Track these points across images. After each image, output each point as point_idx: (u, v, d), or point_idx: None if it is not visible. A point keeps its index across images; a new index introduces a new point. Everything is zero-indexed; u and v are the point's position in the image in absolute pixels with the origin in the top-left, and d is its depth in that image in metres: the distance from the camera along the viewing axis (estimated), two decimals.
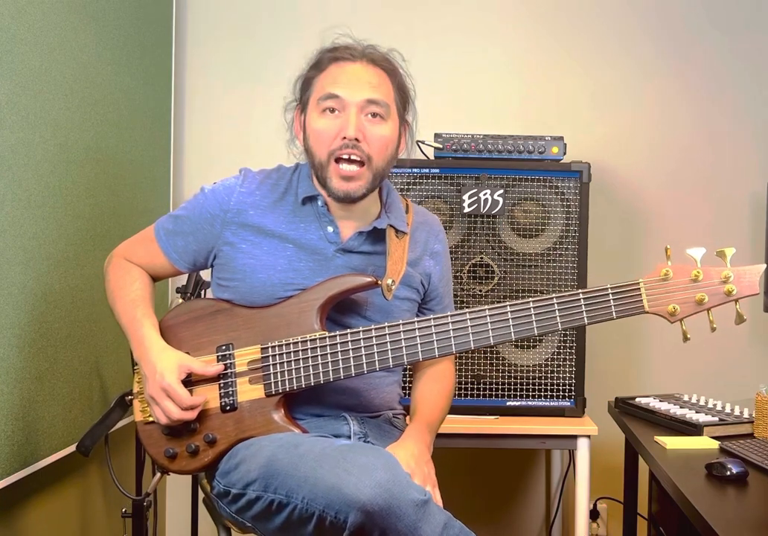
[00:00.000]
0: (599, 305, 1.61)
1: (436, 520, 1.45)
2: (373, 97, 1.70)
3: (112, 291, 1.82)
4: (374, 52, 1.76)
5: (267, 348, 1.70)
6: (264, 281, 1.75)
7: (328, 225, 1.77)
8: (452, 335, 1.65)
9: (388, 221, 1.79)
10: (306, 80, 1.78)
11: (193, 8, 2.93)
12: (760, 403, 2.04)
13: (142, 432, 1.74)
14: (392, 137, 1.75)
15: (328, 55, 1.75)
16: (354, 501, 1.39)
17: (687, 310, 1.58)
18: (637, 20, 2.91)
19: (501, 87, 2.92)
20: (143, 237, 1.87)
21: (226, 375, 1.71)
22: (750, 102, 2.90)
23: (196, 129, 2.94)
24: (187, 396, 1.65)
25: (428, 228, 1.89)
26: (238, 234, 1.77)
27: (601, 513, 2.89)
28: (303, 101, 1.78)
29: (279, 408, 1.69)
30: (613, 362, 2.89)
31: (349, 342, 1.67)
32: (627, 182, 2.88)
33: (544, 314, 1.62)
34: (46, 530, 2.12)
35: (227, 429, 1.69)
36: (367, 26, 2.90)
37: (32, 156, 1.91)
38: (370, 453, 1.48)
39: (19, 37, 1.84)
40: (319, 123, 1.72)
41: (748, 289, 1.58)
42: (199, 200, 1.82)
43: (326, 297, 1.70)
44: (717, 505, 1.57)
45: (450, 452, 2.83)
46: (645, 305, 1.59)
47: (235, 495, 1.62)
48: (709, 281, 1.57)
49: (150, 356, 1.69)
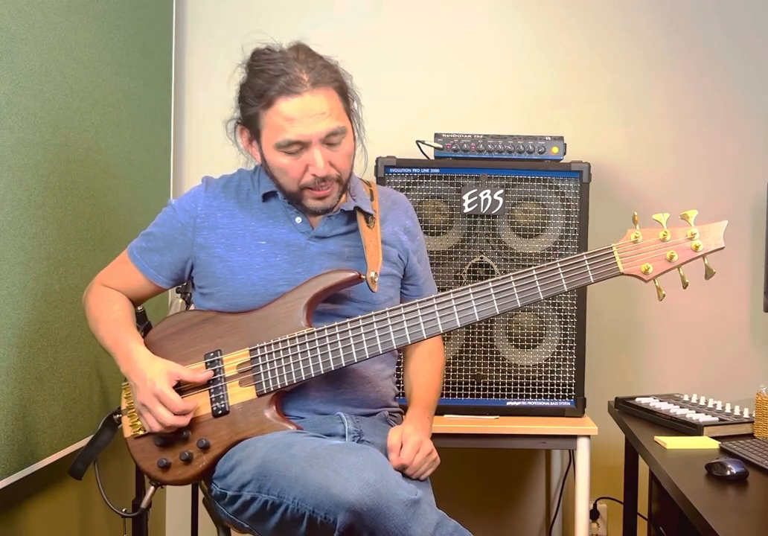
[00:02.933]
0: (576, 272, 1.66)
1: (427, 520, 1.46)
2: (331, 127, 1.68)
3: (93, 315, 1.83)
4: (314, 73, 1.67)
5: (256, 349, 1.71)
6: (245, 282, 1.76)
7: (296, 216, 1.80)
8: (438, 316, 1.67)
9: (355, 203, 1.81)
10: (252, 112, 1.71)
11: (193, 8, 2.93)
12: (760, 403, 2.04)
13: (133, 447, 1.74)
14: (352, 145, 1.76)
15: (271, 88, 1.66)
16: (342, 502, 1.40)
17: (659, 268, 1.66)
18: (638, 21, 2.91)
19: (501, 87, 2.92)
20: (118, 262, 1.88)
21: (215, 381, 1.71)
22: (750, 102, 2.90)
23: (196, 129, 2.94)
24: (180, 401, 1.65)
25: (396, 206, 1.91)
26: (210, 238, 1.79)
27: (601, 513, 2.89)
28: (253, 131, 1.74)
29: (271, 407, 1.69)
30: (613, 362, 2.89)
31: (338, 334, 1.69)
32: (627, 182, 2.88)
33: (525, 286, 1.66)
34: (46, 530, 2.12)
35: (221, 434, 1.69)
36: (369, 26, 2.93)
37: (32, 156, 1.91)
38: (359, 453, 1.48)
39: (19, 37, 1.84)
40: (283, 162, 1.71)
41: (713, 244, 1.66)
42: (168, 213, 1.84)
43: (311, 295, 1.72)
44: (717, 505, 1.57)
45: (450, 452, 2.82)
46: (620, 267, 1.66)
47: (232, 497, 1.63)
48: (676, 239, 1.66)
49: (138, 366, 1.69)
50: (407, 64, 2.90)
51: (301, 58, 1.69)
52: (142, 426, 1.71)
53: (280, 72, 1.67)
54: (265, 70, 1.68)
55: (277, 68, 1.67)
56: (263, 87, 1.68)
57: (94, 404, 2.23)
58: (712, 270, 1.66)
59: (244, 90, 1.74)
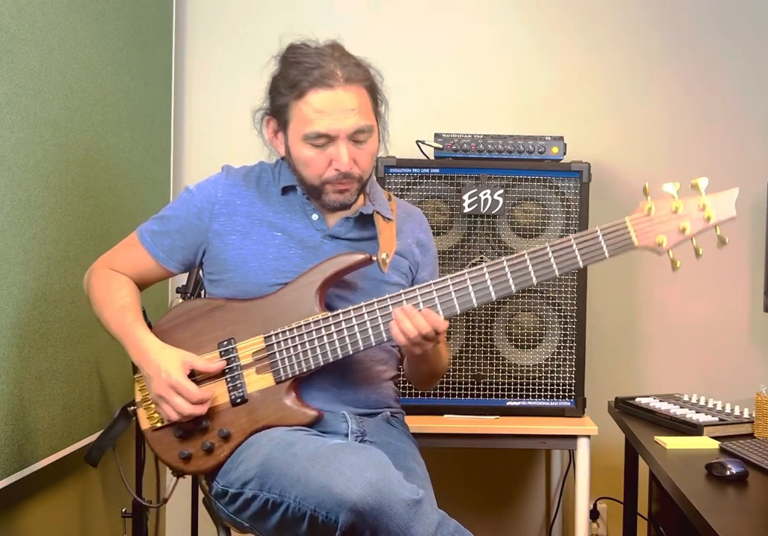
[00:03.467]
0: (592, 248, 1.64)
1: (429, 520, 1.46)
2: (359, 125, 1.69)
3: (97, 300, 1.81)
4: (348, 70, 1.70)
5: (270, 337, 1.71)
6: (256, 270, 1.76)
7: (313, 213, 1.79)
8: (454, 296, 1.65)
9: (374, 208, 1.81)
10: (282, 104, 1.73)
11: (193, 8, 2.93)
12: (760, 403, 2.04)
13: (151, 439, 1.73)
14: (377, 145, 1.77)
15: (305, 79, 1.68)
16: (344, 501, 1.40)
17: (673, 240, 1.64)
18: (638, 21, 2.91)
19: (501, 87, 2.92)
20: (125, 244, 1.87)
21: (231, 369, 1.71)
22: (750, 102, 2.90)
23: (196, 129, 2.94)
24: (196, 390, 1.65)
25: (411, 219, 1.92)
26: (227, 225, 1.79)
27: (601, 513, 2.89)
28: (281, 122, 1.75)
29: (290, 393, 1.69)
30: (613, 362, 2.89)
31: (353, 318, 1.68)
32: (627, 182, 2.88)
33: (541, 263, 1.64)
34: (46, 530, 2.12)
35: (240, 422, 1.69)
36: (369, 26, 2.93)
37: (32, 156, 1.91)
38: (361, 452, 1.48)
39: (19, 37, 1.84)
40: (308, 153, 1.71)
41: (725, 213, 1.64)
42: (184, 198, 1.84)
43: (322, 279, 1.71)
44: (717, 505, 1.57)
45: (450, 452, 2.83)
46: (634, 240, 1.64)
47: (233, 495, 1.63)
48: (688, 210, 1.64)
49: (150, 356, 1.68)
50: (407, 65, 2.90)
51: (336, 55, 1.71)
52: (160, 417, 1.71)
53: (314, 65, 1.69)
54: (300, 62, 1.70)
55: (312, 61, 1.69)
56: (297, 78, 1.69)
57: (93, 404, 2.23)
58: (725, 239, 1.63)
59: (277, 81, 1.75)
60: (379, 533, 1.41)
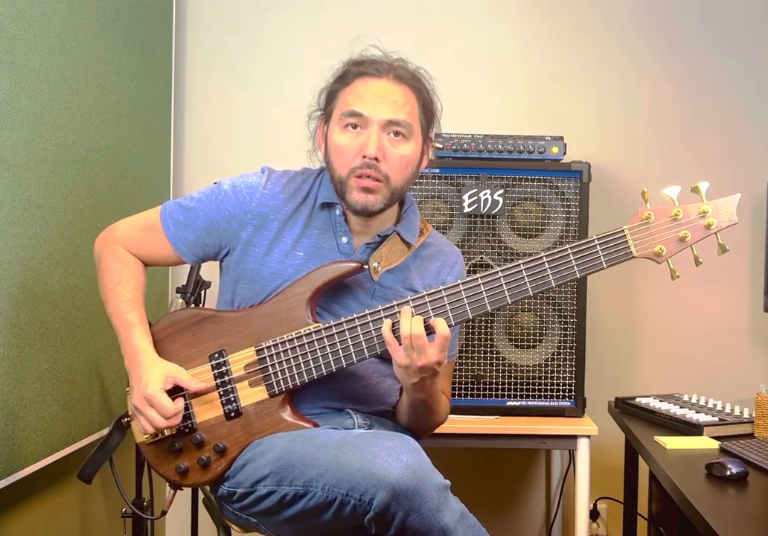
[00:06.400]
0: (588, 257, 1.63)
1: (453, 508, 1.48)
2: (396, 117, 1.68)
3: (105, 284, 1.78)
4: (401, 69, 1.73)
5: (262, 349, 1.68)
6: (268, 290, 1.72)
7: (343, 235, 1.75)
8: (449, 308, 1.63)
9: (395, 229, 1.76)
10: (331, 92, 1.75)
11: (193, 8, 2.93)
12: (760, 403, 2.04)
13: (147, 452, 1.72)
14: (413, 157, 1.72)
15: (355, 69, 1.73)
16: (383, 480, 1.41)
17: (672, 249, 1.61)
18: (637, 21, 2.91)
19: (501, 87, 2.92)
20: (147, 225, 1.80)
21: (224, 382, 1.69)
22: (750, 103, 2.90)
23: (196, 129, 2.94)
24: (169, 404, 1.62)
25: (443, 258, 1.84)
26: (254, 237, 1.74)
27: (601, 513, 2.89)
28: (327, 113, 1.76)
29: (285, 406, 1.67)
30: (613, 362, 2.89)
31: (346, 330, 1.65)
32: (627, 182, 2.88)
33: (537, 274, 1.62)
34: (46, 530, 2.12)
35: (236, 436, 1.67)
36: (369, 26, 2.92)
37: (32, 156, 1.91)
38: (394, 438, 1.49)
39: (19, 37, 1.84)
40: (341, 138, 1.70)
41: (726, 220, 1.61)
42: (216, 195, 1.77)
43: (313, 289, 1.68)
44: (717, 505, 1.57)
45: (450, 452, 2.83)
46: (632, 250, 1.62)
47: (242, 494, 1.62)
48: (688, 217, 1.61)
49: (139, 369, 1.67)
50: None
51: (397, 63, 1.74)
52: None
53: (369, 60, 1.73)
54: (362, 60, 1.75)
55: (371, 59, 1.74)
56: (351, 69, 1.73)
57: (93, 404, 2.23)
58: (726, 247, 1.60)
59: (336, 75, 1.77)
60: (412, 514, 1.42)
